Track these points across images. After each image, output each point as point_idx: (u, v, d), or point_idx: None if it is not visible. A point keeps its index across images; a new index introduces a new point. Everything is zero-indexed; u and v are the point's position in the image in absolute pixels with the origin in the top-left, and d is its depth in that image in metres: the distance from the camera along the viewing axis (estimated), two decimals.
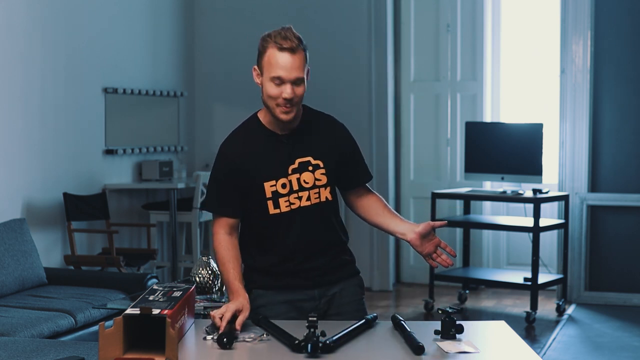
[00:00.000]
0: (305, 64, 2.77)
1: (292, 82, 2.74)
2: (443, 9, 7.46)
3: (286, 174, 2.83)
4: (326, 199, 2.87)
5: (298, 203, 2.84)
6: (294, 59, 2.74)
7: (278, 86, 2.76)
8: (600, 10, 6.77)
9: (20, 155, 5.85)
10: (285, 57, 2.73)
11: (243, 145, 2.86)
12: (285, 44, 2.73)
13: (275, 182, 2.82)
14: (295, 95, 2.75)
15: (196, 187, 6.76)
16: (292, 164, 2.84)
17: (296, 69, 2.74)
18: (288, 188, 2.83)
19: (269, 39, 2.77)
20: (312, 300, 2.88)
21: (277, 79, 2.75)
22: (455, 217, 7.11)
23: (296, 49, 2.74)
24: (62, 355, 3.50)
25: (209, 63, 7.83)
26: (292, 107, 2.77)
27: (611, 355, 5.42)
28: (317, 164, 2.85)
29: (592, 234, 6.84)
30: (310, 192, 2.84)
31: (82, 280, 5.47)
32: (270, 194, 2.82)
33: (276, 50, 2.74)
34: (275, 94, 2.77)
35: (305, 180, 2.84)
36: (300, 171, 2.84)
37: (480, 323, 3.20)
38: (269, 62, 2.76)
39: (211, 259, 4.08)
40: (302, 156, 2.85)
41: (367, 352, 2.56)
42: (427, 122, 7.55)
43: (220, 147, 2.90)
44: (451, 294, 7.10)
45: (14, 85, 5.79)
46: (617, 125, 6.80)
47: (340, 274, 2.90)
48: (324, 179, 2.86)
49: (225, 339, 2.50)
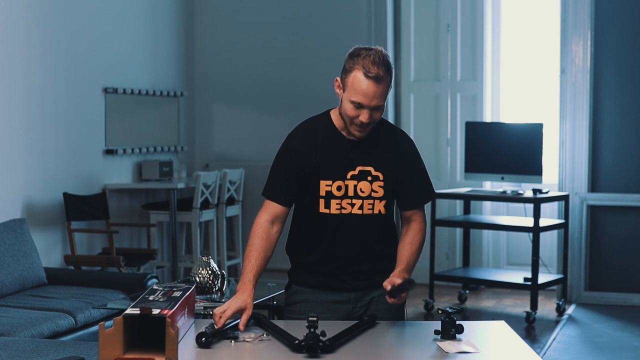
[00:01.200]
0: (387, 91, 2.74)
1: (372, 109, 2.73)
2: (443, 9, 7.46)
3: (344, 177, 2.83)
4: (379, 212, 2.85)
5: (350, 209, 2.83)
6: (378, 88, 2.70)
7: (357, 109, 2.74)
8: (600, 10, 6.77)
9: (20, 155, 5.85)
10: (369, 85, 2.69)
11: (309, 139, 2.86)
12: (372, 72, 2.69)
13: (331, 182, 2.83)
14: (372, 120, 2.75)
15: (196, 187, 6.76)
16: (352, 170, 2.83)
17: (378, 97, 2.71)
18: (343, 191, 2.83)
19: (358, 59, 2.71)
20: (348, 303, 2.88)
21: (357, 104, 2.73)
22: (455, 217, 7.11)
23: (382, 78, 2.70)
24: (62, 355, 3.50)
25: (209, 63, 7.83)
26: (366, 129, 2.78)
27: (611, 355, 5.42)
28: (377, 176, 2.84)
29: (592, 234, 6.84)
30: (364, 202, 2.83)
31: (82, 280, 5.46)
32: (324, 192, 2.83)
33: (362, 75, 2.70)
34: (352, 115, 2.75)
35: (361, 189, 2.83)
36: (358, 179, 2.83)
37: (480, 323, 3.20)
38: (352, 84, 2.72)
39: (211, 259, 4.08)
40: (364, 165, 2.84)
41: (367, 352, 2.55)
42: (427, 122, 7.55)
43: (288, 136, 2.91)
44: (451, 294, 7.10)
45: (14, 85, 5.79)
46: (617, 125, 6.80)
47: (380, 280, 2.82)
48: (381, 192, 2.84)
49: (203, 339, 2.50)
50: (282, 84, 7.57)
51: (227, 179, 7.06)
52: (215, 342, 2.56)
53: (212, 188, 6.91)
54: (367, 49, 2.74)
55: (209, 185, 6.87)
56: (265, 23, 7.65)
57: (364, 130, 2.78)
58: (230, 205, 7.22)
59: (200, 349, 2.50)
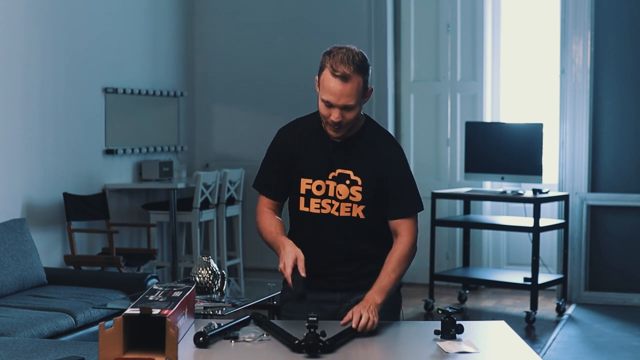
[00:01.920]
0: (359, 90, 2.71)
1: (342, 108, 2.72)
2: (443, 9, 7.46)
3: (325, 177, 2.83)
4: (357, 216, 2.83)
5: (329, 209, 2.83)
6: (345, 87, 2.69)
7: (328, 108, 2.74)
8: (600, 10, 6.77)
9: (20, 155, 5.85)
10: (336, 84, 2.70)
11: (297, 135, 2.88)
12: (339, 71, 2.69)
13: (312, 181, 2.83)
14: (343, 119, 2.73)
15: (196, 187, 6.76)
16: (332, 171, 2.83)
17: (345, 96, 2.70)
18: (323, 191, 2.83)
19: (327, 58, 2.73)
20: (333, 304, 2.88)
21: (327, 102, 2.73)
22: (455, 217, 7.11)
23: (350, 77, 2.69)
24: (62, 355, 3.50)
25: (209, 63, 7.83)
26: (340, 129, 2.76)
27: (611, 355, 5.42)
28: (355, 180, 2.82)
29: (592, 234, 6.84)
30: (341, 205, 2.82)
31: (82, 280, 5.46)
32: (304, 191, 2.84)
33: (330, 73, 2.71)
34: (325, 114, 2.76)
35: (339, 191, 2.82)
36: (337, 181, 2.82)
37: (480, 323, 3.20)
38: (322, 83, 2.74)
39: (211, 259, 4.08)
40: (344, 168, 2.82)
41: (367, 352, 2.56)
42: (427, 122, 7.55)
43: (279, 130, 2.95)
44: (451, 294, 7.10)
45: (14, 85, 5.79)
46: (617, 125, 6.80)
47: (365, 283, 2.82)
48: (359, 197, 2.82)
49: (201, 338, 2.50)
50: (282, 84, 7.57)
51: (227, 179, 7.06)
52: (215, 342, 2.56)
53: (212, 188, 6.91)
54: (340, 47, 2.74)
55: (209, 185, 6.87)
56: (265, 23, 7.65)
57: (339, 131, 2.77)
58: (230, 205, 7.22)
59: (200, 349, 2.50)
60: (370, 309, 2.66)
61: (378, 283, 2.76)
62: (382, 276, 2.78)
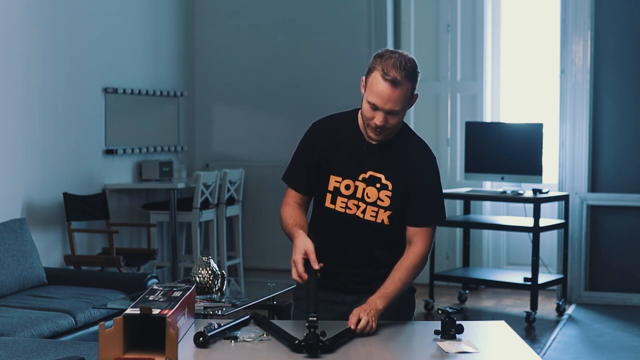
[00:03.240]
0: (406, 97, 2.70)
1: (387, 112, 2.70)
2: (443, 9, 7.46)
3: (355, 178, 2.81)
4: (382, 222, 2.81)
5: (354, 210, 2.81)
6: (393, 92, 2.67)
7: (372, 110, 2.72)
8: (600, 10, 6.77)
9: (20, 155, 5.85)
10: (385, 88, 2.67)
11: (331, 132, 2.85)
12: (390, 75, 2.67)
13: (341, 179, 2.81)
14: (386, 124, 2.71)
15: (196, 187, 6.76)
16: (363, 173, 2.81)
17: (393, 101, 2.68)
18: (352, 191, 2.81)
19: (380, 61, 2.70)
20: (344, 305, 2.84)
21: (373, 105, 2.71)
22: (455, 217, 7.11)
23: (400, 83, 2.67)
24: (62, 355, 3.50)
25: (209, 63, 7.83)
26: (381, 133, 2.74)
27: (611, 355, 5.42)
28: (386, 185, 2.80)
29: (592, 234, 6.84)
30: (368, 207, 2.80)
31: (82, 280, 5.46)
32: (332, 188, 2.82)
33: (380, 76, 2.68)
34: (368, 116, 2.74)
35: (368, 194, 2.80)
36: (367, 183, 2.80)
37: (480, 323, 3.20)
38: (371, 85, 2.71)
39: (211, 259, 4.08)
40: (376, 171, 2.80)
41: (367, 352, 2.56)
42: (427, 122, 7.55)
43: (313, 124, 2.91)
44: (451, 294, 7.09)
45: (14, 85, 5.79)
46: (617, 125, 6.80)
47: (377, 285, 2.80)
48: (387, 202, 2.80)
49: (201, 338, 2.50)
50: (282, 84, 7.57)
51: (227, 179, 7.06)
52: (215, 342, 2.56)
53: (212, 188, 6.91)
54: (393, 51, 2.72)
55: (209, 185, 6.87)
56: (265, 23, 7.65)
57: (380, 135, 2.75)
58: (230, 205, 7.22)
59: (200, 349, 2.50)
60: (370, 313, 2.65)
61: (383, 289, 2.75)
62: (388, 283, 2.77)
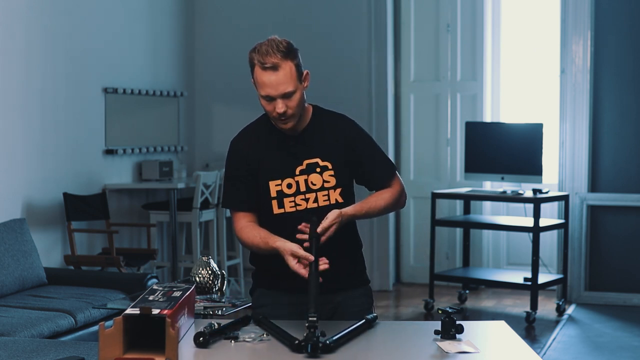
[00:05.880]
0: (292, 75, 2.70)
1: (282, 97, 2.70)
2: (443, 9, 7.46)
3: (293, 174, 2.80)
4: (336, 202, 2.81)
5: (305, 204, 2.80)
6: (278, 76, 2.69)
7: (270, 102, 2.73)
8: (600, 10, 6.77)
9: (20, 155, 5.85)
10: (269, 76, 2.69)
11: (252, 142, 2.84)
12: (267, 63, 2.68)
13: (280, 181, 2.80)
14: (288, 108, 2.72)
15: (196, 187, 6.76)
16: (299, 165, 2.80)
17: (282, 84, 2.69)
18: (294, 189, 2.80)
19: (254, 54, 2.72)
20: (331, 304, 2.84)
21: (267, 97, 2.72)
22: (455, 217, 7.11)
23: (279, 65, 2.69)
24: (62, 355, 3.50)
25: (209, 63, 7.83)
26: (288, 118, 2.74)
27: (611, 355, 5.42)
28: (325, 166, 2.81)
29: (592, 234, 6.84)
30: (318, 194, 2.80)
31: (82, 280, 5.47)
32: (275, 193, 2.80)
33: (259, 69, 2.70)
34: (269, 110, 2.75)
35: (312, 182, 2.80)
36: (308, 172, 2.80)
37: (480, 323, 3.20)
38: (256, 80, 2.73)
39: (211, 259, 4.08)
40: (310, 157, 2.81)
41: (367, 352, 2.56)
42: (427, 122, 7.55)
43: (231, 142, 2.89)
44: (451, 294, 7.09)
45: (14, 85, 5.79)
46: (617, 125, 6.80)
47: (346, 282, 2.82)
48: (333, 181, 2.81)
49: (201, 338, 2.50)
50: None
51: None
52: (215, 342, 2.56)
53: (212, 188, 6.91)
54: (262, 42, 2.74)
55: (209, 185, 6.87)
56: (265, 23, 7.65)
57: (289, 121, 2.75)
58: None
59: (201, 349, 2.50)
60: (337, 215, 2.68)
61: (359, 202, 2.80)
62: (367, 199, 2.82)
